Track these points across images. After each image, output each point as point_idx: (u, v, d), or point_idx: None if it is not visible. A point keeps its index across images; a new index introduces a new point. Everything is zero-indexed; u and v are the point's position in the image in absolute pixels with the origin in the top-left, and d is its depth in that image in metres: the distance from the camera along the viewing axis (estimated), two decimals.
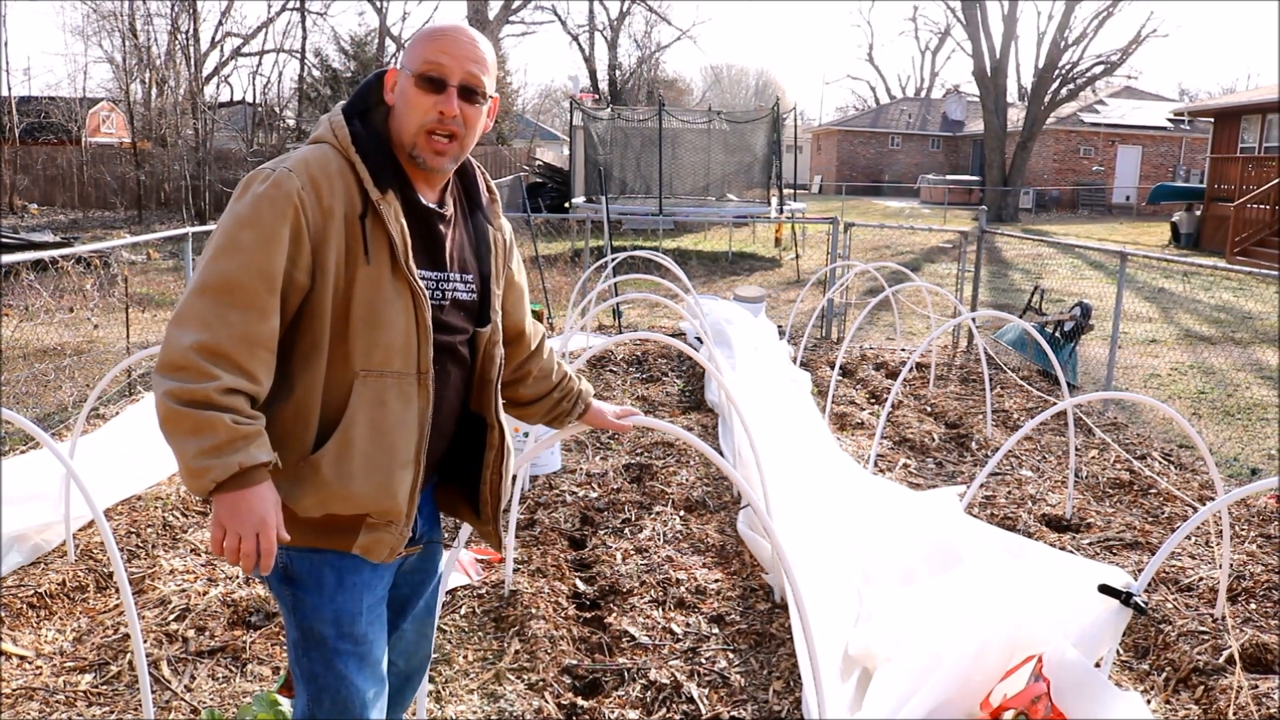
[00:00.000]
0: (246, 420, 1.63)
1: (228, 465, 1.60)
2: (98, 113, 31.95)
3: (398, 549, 1.84)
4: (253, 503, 1.64)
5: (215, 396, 1.60)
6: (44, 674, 3.19)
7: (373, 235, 1.76)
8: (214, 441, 1.59)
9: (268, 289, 1.66)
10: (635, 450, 5.70)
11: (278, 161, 1.74)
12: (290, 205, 1.68)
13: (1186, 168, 34.69)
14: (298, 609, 1.84)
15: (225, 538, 1.64)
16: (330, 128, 1.80)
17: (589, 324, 9.29)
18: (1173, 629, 3.48)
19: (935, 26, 61.42)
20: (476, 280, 1.95)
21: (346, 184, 1.75)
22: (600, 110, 22.58)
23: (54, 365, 7.28)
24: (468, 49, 1.81)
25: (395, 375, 1.78)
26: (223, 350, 1.62)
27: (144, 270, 13.28)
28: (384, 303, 1.76)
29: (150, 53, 26.68)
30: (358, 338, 1.75)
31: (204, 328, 1.62)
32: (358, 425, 1.75)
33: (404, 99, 1.81)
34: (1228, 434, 6.66)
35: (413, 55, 1.81)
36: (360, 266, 1.74)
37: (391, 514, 1.80)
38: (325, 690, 1.85)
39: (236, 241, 1.66)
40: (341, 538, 1.80)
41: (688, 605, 3.72)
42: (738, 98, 59.76)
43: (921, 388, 7.66)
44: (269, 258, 1.66)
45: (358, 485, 1.75)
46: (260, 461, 1.63)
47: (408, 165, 1.84)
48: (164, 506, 4.59)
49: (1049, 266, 16.43)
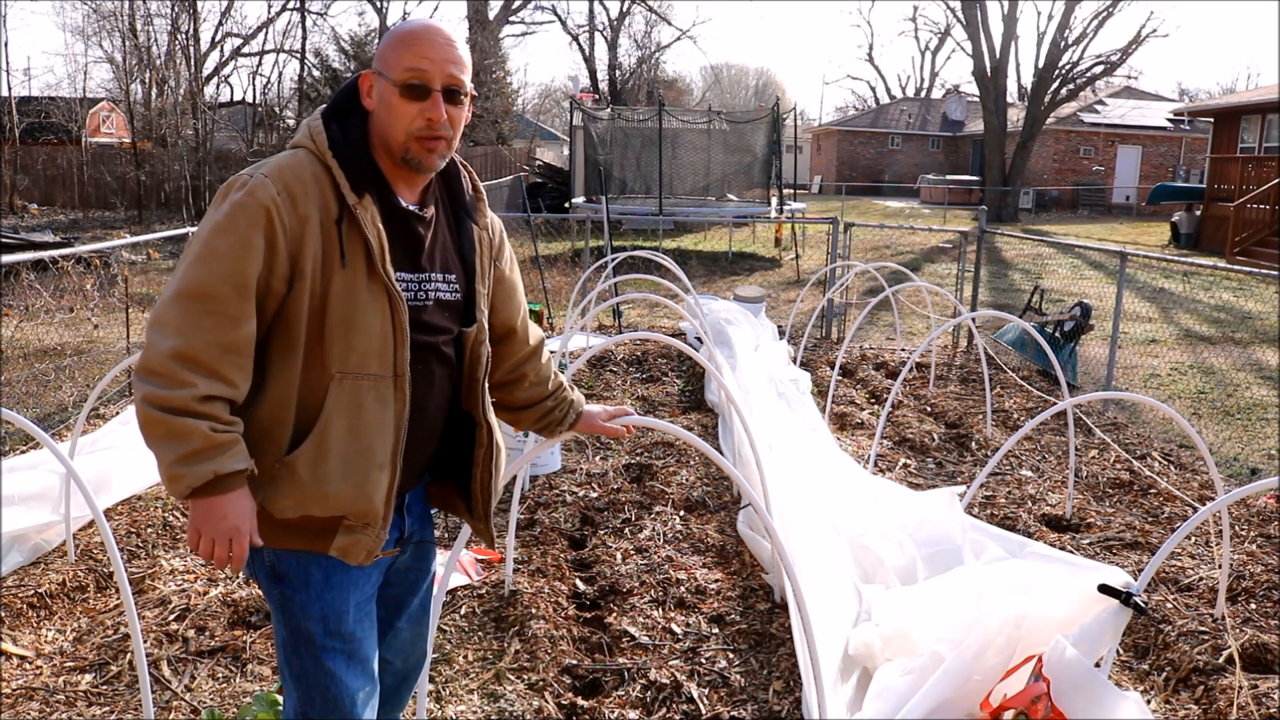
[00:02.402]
0: (224, 428, 1.66)
1: (201, 473, 1.63)
2: (98, 113, 31.93)
3: (375, 552, 1.84)
4: (226, 509, 1.67)
5: (192, 404, 1.63)
6: (44, 674, 3.19)
7: (349, 239, 1.76)
8: (189, 448, 1.62)
9: (241, 296, 1.68)
10: (635, 450, 5.69)
11: (255, 168, 1.75)
12: (263, 213, 1.69)
13: (1186, 168, 34.68)
14: (285, 607, 1.85)
15: (200, 541, 1.69)
16: (309, 133, 1.81)
17: (589, 324, 9.29)
18: (1173, 629, 3.48)
19: (935, 26, 61.43)
20: (461, 279, 1.95)
21: (322, 189, 1.75)
22: (600, 110, 22.60)
23: (54, 365, 7.28)
24: (446, 50, 1.80)
25: (372, 378, 1.79)
26: (198, 357, 1.64)
27: (144, 270, 13.28)
28: (360, 306, 1.76)
29: (150, 53, 26.64)
30: (334, 341, 1.76)
31: (179, 334, 1.65)
32: (334, 427, 1.76)
33: (388, 108, 1.80)
34: (1228, 434, 6.66)
35: (391, 62, 1.79)
36: (336, 271, 1.75)
37: (368, 516, 1.80)
38: (315, 689, 1.86)
39: (212, 248, 1.68)
40: (318, 539, 1.80)
41: (688, 605, 3.72)
42: (738, 98, 59.75)
43: (921, 388, 7.66)
44: (242, 265, 1.68)
45: (334, 487, 1.76)
46: (235, 470, 1.66)
47: (391, 168, 1.84)
48: (164, 506, 4.59)
49: (1049, 266, 16.43)
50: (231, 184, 1.74)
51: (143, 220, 23.59)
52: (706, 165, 21.46)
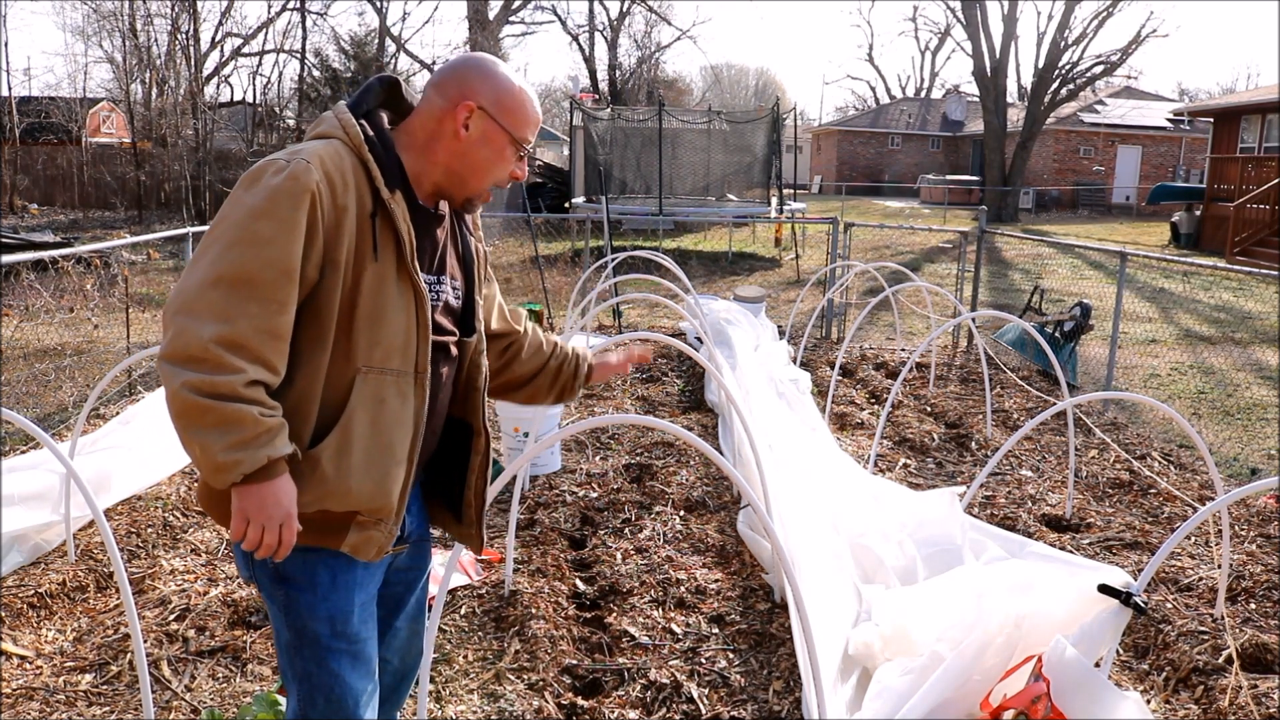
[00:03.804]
0: (270, 413, 1.64)
1: (256, 459, 1.61)
2: (98, 113, 31.90)
3: (386, 548, 1.84)
4: (278, 495, 1.65)
5: (241, 389, 1.60)
6: (44, 674, 3.19)
7: (381, 233, 1.77)
8: (242, 435, 1.60)
9: (288, 281, 1.66)
10: (635, 450, 5.69)
11: (290, 153, 1.72)
12: (308, 197, 1.67)
13: (1186, 168, 34.69)
14: (290, 608, 1.84)
15: (249, 529, 1.66)
16: (340, 124, 1.80)
17: (589, 324, 9.29)
18: (1172, 629, 3.48)
19: (935, 26, 61.46)
20: (463, 287, 1.98)
21: (358, 181, 1.76)
22: (600, 110, 22.58)
23: (54, 365, 7.28)
24: (541, 118, 1.95)
25: (394, 373, 1.79)
26: (245, 342, 1.62)
27: (144, 270, 13.28)
28: (388, 301, 1.77)
29: (150, 53, 26.64)
30: (361, 334, 1.76)
31: (223, 319, 1.61)
32: (357, 421, 1.76)
33: (494, 153, 1.86)
34: (1228, 434, 6.66)
35: (515, 116, 1.86)
36: (368, 264, 1.75)
37: (383, 511, 1.80)
38: (318, 690, 1.85)
39: (253, 233, 1.65)
40: (331, 536, 1.80)
41: (688, 605, 3.72)
42: (738, 98, 59.70)
43: (921, 388, 7.66)
44: (288, 250, 1.66)
45: (356, 481, 1.76)
46: (285, 454, 1.65)
47: (418, 175, 1.86)
48: (164, 506, 4.59)
49: (1049, 266, 16.43)
50: (264, 168, 1.70)
51: (143, 220, 23.60)
52: (706, 165, 21.45)
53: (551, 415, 5.31)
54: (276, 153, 1.74)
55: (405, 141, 1.86)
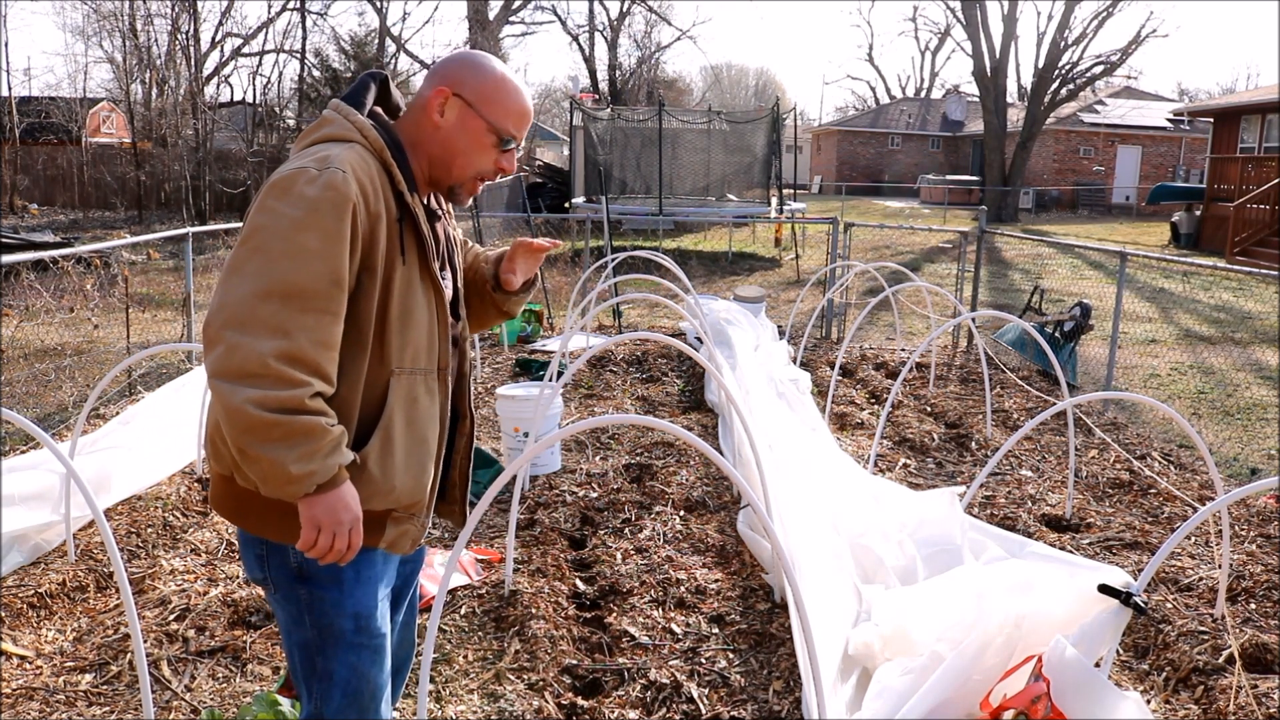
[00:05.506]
0: (333, 422, 1.68)
1: (329, 468, 1.64)
2: (98, 113, 31.90)
3: (419, 540, 1.91)
4: (348, 502, 1.70)
5: (307, 402, 1.62)
6: (44, 674, 3.19)
7: (407, 236, 1.80)
8: (313, 446, 1.62)
9: (339, 291, 1.68)
10: (635, 450, 5.69)
11: (318, 161, 1.69)
12: (349, 207, 1.67)
13: (1186, 168, 34.69)
14: (314, 606, 1.83)
15: (320, 536, 1.68)
16: (355, 127, 1.79)
17: (589, 324, 9.29)
18: (1173, 629, 3.48)
19: (935, 26, 61.48)
20: (452, 276, 2.01)
21: (383, 185, 1.77)
22: (600, 110, 22.59)
23: (54, 365, 7.28)
24: (531, 114, 1.91)
25: (423, 372, 1.85)
26: (304, 356, 1.63)
27: (144, 270, 13.28)
28: (415, 302, 1.82)
29: (150, 53, 26.64)
30: (393, 337, 1.79)
31: (280, 334, 1.61)
32: (396, 422, 1.80)
33: (470, 140, 1.85)
34: (1228, 434, 6.66)
35: (492, 105, 1.83)
36: (398, 267, 1.78)
37: (419, 506, 1.87)
38: (337, 687, 1.86)
39: (299, 245, 1.64)
40: (369, 535, 1.81)
41: (688, 605, 3.72)
42: (738, 98, 59.72)
43: (921, 388, 7.66)
44: (338, 262, 1.67)
45: (399, 480, 1.81)
46: (348, 461, 1.70)
47: (417, 174, 1.89)
48: (164, 506, 4.59)
49: (1049, 266, 16.43)
50: (295, 177, 1.67)
51: (143, 220, 23.60)
52: (706, 165, 21.45)
53: (552, 415, 5.31)
54: (301, 159, 1.72)
55: (402, 139, 1.88)
